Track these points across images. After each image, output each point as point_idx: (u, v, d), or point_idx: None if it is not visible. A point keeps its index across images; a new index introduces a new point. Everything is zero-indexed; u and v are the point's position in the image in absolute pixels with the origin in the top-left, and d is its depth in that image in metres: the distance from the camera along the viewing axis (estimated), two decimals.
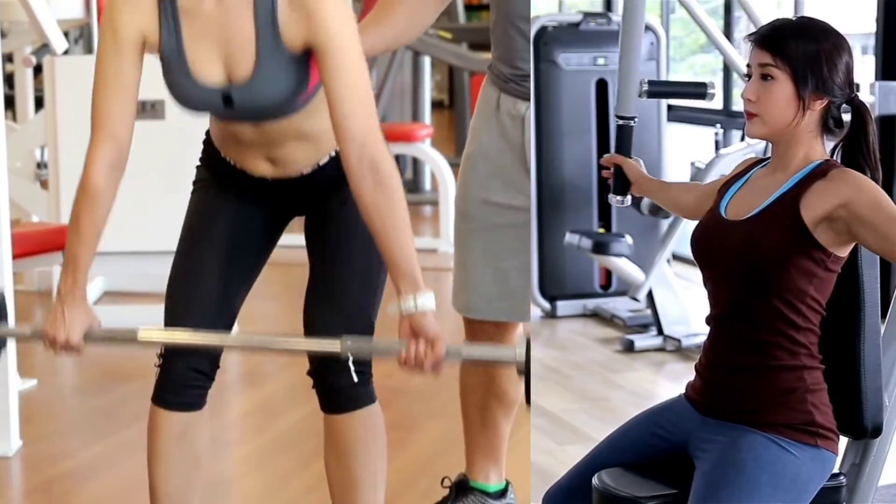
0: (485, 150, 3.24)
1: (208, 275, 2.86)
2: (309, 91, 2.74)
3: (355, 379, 2.81)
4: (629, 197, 3.01)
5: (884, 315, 2.72)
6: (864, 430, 2.59)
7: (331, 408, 2.86)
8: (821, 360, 2.48)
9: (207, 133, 2.93)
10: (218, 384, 2.92)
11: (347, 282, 2.83)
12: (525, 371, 2.59)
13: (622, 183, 2.98)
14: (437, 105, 13.06)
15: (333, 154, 2.82)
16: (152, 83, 2.78)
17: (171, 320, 2.85)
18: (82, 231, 2.75)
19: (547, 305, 6.19)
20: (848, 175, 2.42)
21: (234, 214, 2.89)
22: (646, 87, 3.39)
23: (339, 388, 2.82)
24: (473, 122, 3.30)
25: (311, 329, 2.84)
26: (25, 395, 4.67)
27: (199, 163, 2.97)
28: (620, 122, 3.14)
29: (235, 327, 5.43)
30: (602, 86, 6.29)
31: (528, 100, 3.20)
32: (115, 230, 5.17)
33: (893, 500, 3.64)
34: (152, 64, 2.68)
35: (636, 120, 3.16)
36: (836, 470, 2.59)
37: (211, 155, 2.92)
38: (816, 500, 2.48)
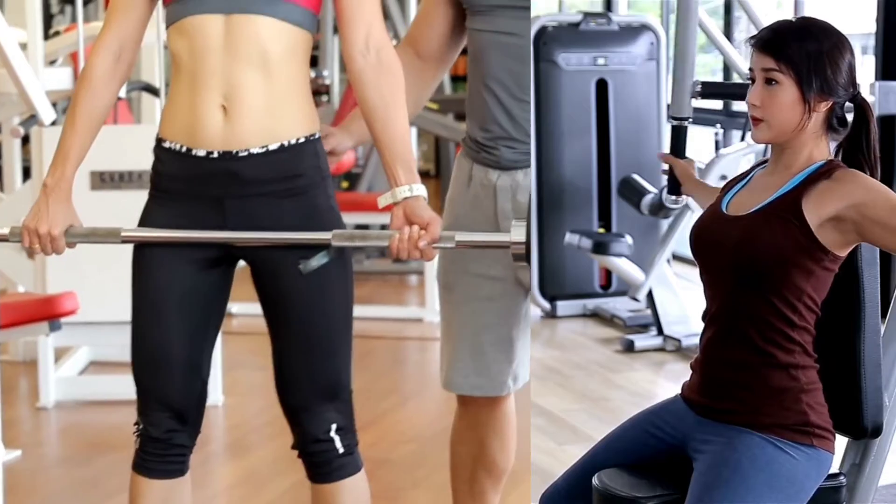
0: (460, 223, 3.21)
1: (170, 339, 2.73)
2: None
3: (341, 449, 2.77)
4: (683, 197, 3.04)
5: (884, 315, 2.72)
6: (864, 430, 2.59)
7: (318, 477, 2.80)
8: (815, 359, 2.48)
9: (157, 139, 2.80)
10: (203, 455, 2.82)
11: (317, 352, 2.76)
12: (526, 255, 2.64)
13: (675, 182, 3.01)
14: (423, 175, 12.87)
15: (285, 144, 2.70)
16: (146, 157, 2.77)
17: (143, 390, 2.76)
18: (77, 119, 2.71)
19: (547, 305, 6.18)
20: (856, 177, 2.41)
21: (181, 273, 2.74)
22: (699, 89, 3.42)
23: (326, 458, 2.78)
24: (449, 195, 3.28)
25: (292, 407, 2.78)
26: (9, 466, 4.59)
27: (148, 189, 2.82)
28: (675, 122, 3.16)
29: (221, 397, 5.44)
30: (602, 86, 6.29)
31: (500, 169, 3.15)
32: (100, 299, 5.20)
33: (893, 500, 3.64)
34: (147, 137, 2.65)
35: (690, 120, 3.17)
36: (836, 470, 2.59)
37: (157, 156, 2.77)
38: (816, 501, 2.48)
